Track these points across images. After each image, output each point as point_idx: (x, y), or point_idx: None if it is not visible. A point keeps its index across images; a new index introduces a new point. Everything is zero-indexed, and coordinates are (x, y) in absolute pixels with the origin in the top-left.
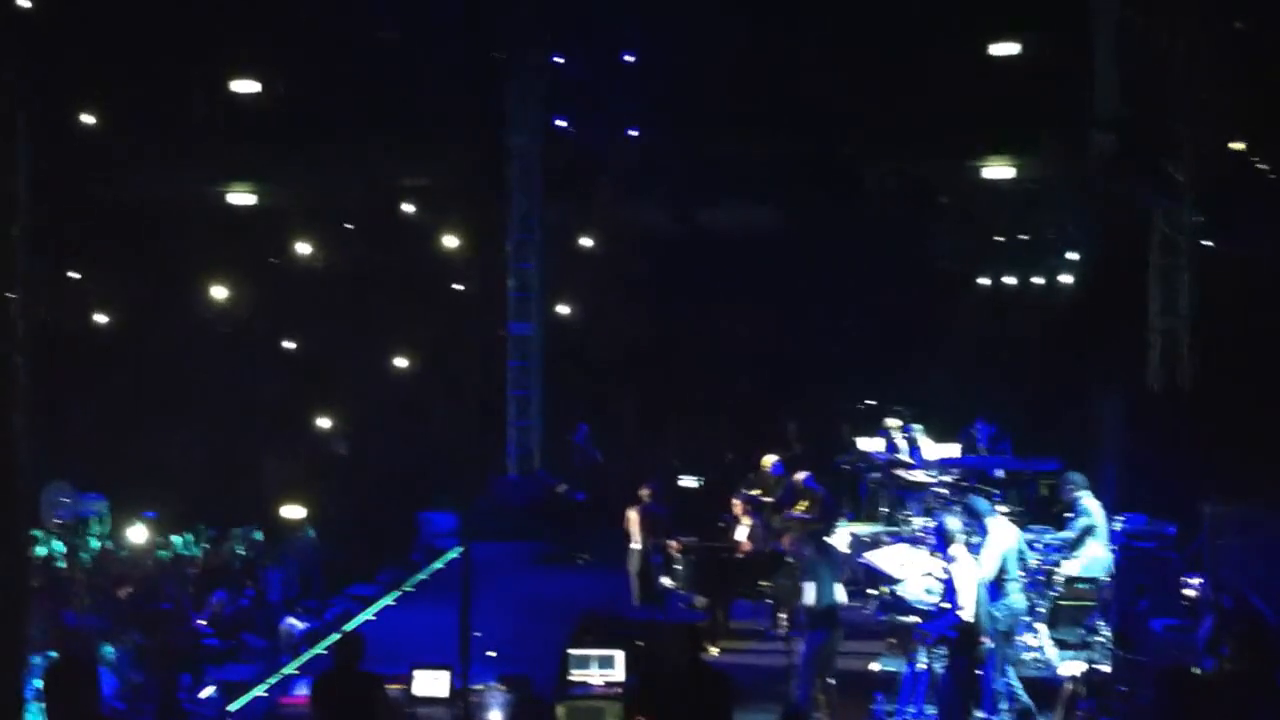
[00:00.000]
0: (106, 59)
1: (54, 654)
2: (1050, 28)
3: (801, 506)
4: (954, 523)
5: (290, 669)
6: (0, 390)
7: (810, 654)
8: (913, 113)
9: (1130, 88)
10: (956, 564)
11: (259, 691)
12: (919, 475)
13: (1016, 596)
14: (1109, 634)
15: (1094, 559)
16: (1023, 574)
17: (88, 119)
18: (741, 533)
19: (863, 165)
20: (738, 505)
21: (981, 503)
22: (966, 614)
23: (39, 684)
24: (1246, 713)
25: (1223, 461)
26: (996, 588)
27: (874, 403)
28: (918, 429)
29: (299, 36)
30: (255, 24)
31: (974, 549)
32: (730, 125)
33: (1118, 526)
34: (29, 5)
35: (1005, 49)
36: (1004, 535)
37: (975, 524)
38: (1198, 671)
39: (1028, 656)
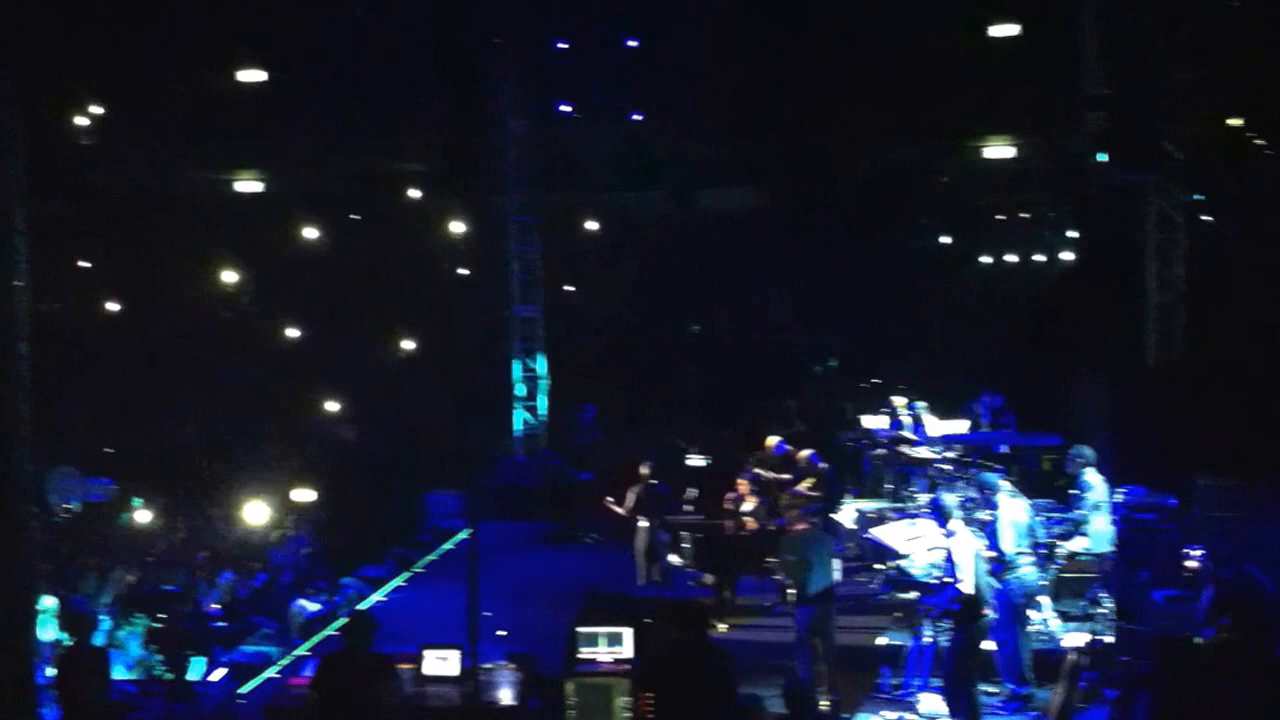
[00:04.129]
0: (99, 47)
1: (65, 639)
2: (1041, 4)
3: (807, 484)
4: (951, 498)
5: (301, 651)
6: (4, 377)
7: (802, 629)
8: (907, 91)
9: (1124, 63)
10: (955, 538)
11: (270, 673)
12: (922, 451)
13: (1027, 569)
14: (1111, 605)
15: (1098, 533)
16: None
17: (83, 107)
18: (747, 508)
19: (857, 145)
20: (743, 484)
21: (991, 477)
22: (966, 586)
23: (51, 670)
24: (1245, 683)
25: (1218, 435)
26: (1005, 561)
27: (878, 381)
28: (921, 406)
29: (297, 23)
30: (256, 10)
31: (990, 525)
32: (722, 108)
33: (1119, 499)
34: None
35: (998, 28)
36: (1015, 509)
37: (986, 498)
38: (1199, 641)
39: (1031, 629)
